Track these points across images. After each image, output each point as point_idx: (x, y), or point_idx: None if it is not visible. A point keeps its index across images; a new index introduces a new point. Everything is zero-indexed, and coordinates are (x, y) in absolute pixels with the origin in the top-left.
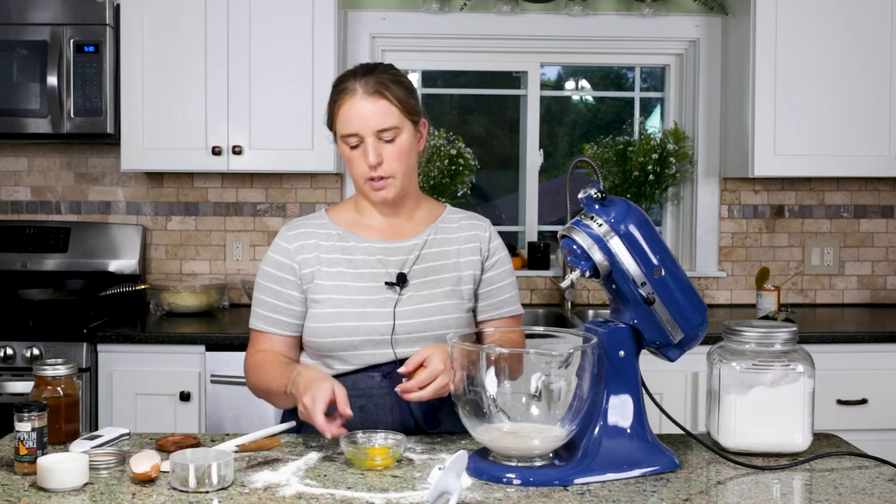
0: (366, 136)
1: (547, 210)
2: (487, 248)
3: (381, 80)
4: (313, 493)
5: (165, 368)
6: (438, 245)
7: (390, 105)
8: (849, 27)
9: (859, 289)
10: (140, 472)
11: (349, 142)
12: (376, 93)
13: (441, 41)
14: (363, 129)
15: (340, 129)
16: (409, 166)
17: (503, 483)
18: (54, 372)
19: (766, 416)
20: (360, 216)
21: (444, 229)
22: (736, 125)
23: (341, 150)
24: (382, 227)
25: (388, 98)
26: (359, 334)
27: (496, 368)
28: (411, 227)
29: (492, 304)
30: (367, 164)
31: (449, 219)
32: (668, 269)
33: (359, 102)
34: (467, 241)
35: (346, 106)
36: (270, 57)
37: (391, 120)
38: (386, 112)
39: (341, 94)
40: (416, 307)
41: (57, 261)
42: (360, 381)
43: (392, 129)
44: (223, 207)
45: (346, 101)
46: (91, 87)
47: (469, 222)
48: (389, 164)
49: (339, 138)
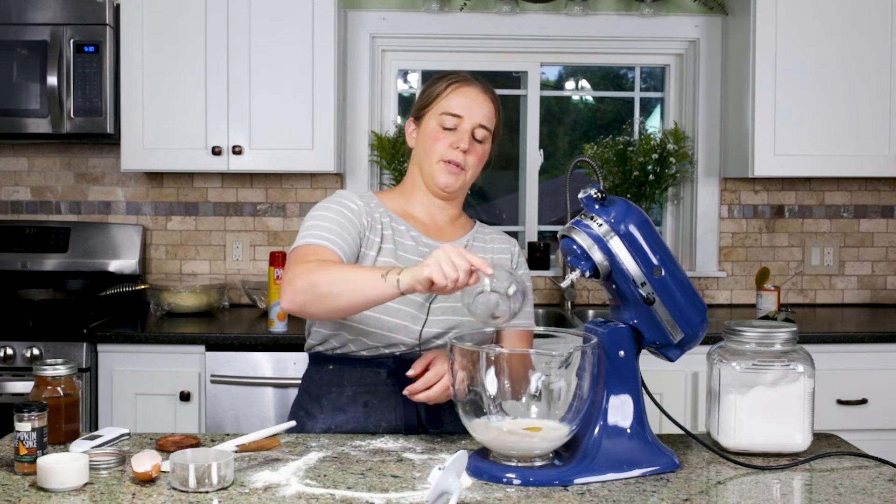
0: (467, 122)
1: (547, 210)
2: (515, 262)
3: (491, 89)
4: (313, 493)
5: (165, 368)
6: (476, 252)
7: (494, 111)
8: (849, 27)
9: (859, 289)
10: (141, 472)
11: (447, 121)
12: (490, 94)
13: (441, 41)
14: (470, 116)
15: (446, 106)
16: (477, 172)
17: (503, 483)
18: (54, 372)
19: (766, 416)
20: (409, 206)
21: (480, 239)
22: (736, 125)
23: (427, 125)
24: (428, 222)
25: (495, 104)
26: (391, 316)
27: (496, 368)
28: (452, 232)
29: None
30: (453, 147)
31: (482, 231)
32: (668, 269)
33: (477, 93)
34: (500, 252)
35: (463, 90)
36: (270, 57)
37: (491, 123)
38: (492, 114)
39: (458, 81)
40: (449, 305)
41: (57, 261)
42: (365, 377)
43: (486, 132)
44: (223, 207)
45: (464, 86)
46: (91, 87)
47: (500, 237)
48: (470, 159)
49: (436, 114)
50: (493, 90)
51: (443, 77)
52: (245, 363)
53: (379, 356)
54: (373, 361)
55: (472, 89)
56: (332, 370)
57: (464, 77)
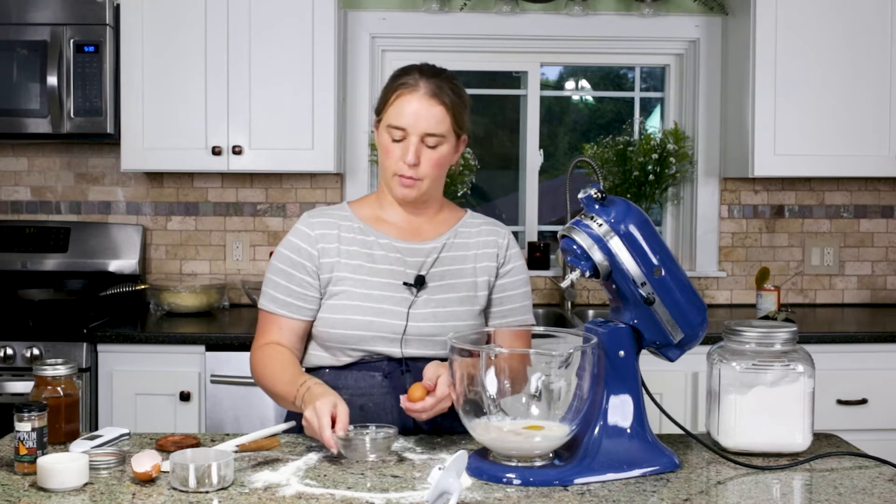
0: (412, 134)
1: (547, 210)
2: (504, 254)
3: (444, 87)
4: (313, 493)
5: (165, 368)
6: (457, 249)
7: (445, 113)
8: (849, 27)
9: (859, 289)
10: (141, 472)
11: (394, 134)
12: (436, 97)
13: (441, 41)
14: (412, 128)
15: (389, 119)
16: (440, 175)
17: (503, 483)
18: (54, 372)
19: (766, 416)
20: (382, 212)
21: (464, 234)
22: (736, 125)
23: (381, 137)
24: (403, 225)
25: (446, 106)
26: (371, 329)
27: (496, 368)
28: (431, 230)
29: (501, 312)
30: (403, 161)
31: (469, 223)
32: (668, 269)
33: (418, 100)
34: (485, 246)
35: (404, 99)
36: (270, 57)
37: (441, 128)
38: (440, 119)
39: (402, 85)
40: (430, 311)
41: (57, 261)
42: (360, 380)
43: (438, 137)
44: (223, 207)
45: (406, 94)
46: (91, 87)
47: (488, 228)
48: (424, 168)
49: (385, 127)
50: (443, 89)
51: (394, 78)
52: (245, 363)
53: (372, 361)
54: (367, 366)
55: (414, 97)
56: (328, 374)
57: (409, 83)
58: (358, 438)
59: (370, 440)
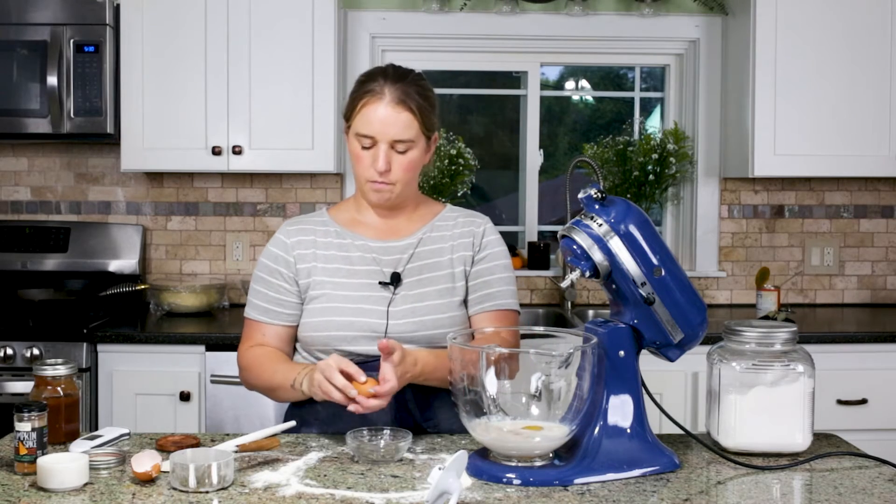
0: (381, 141)
1: (547, 210)
2: (480, 242)
3: (410, 92)
4: (313, 493)
5: (165, 368)
6: (433, 243)
7: (412, 119)
8: (848, 27)
9: (859, 289)
10: (141, 472)
11: (363, 142)
12: (402, 103)
13: (441, 41)
14: (380, 135)
15: (357, 128)
16: (413, 177)
17: (503, 483)
18: (54, 372)
19: (766, 416)
20: (359, 215)
21: (440, 227)
22: (736, 125)
23: (351, 144)
24: (380, 225)
25: (413, 111)
26: (352, 330)
27: (496, 368)
28: (408, 226)
29: (478, 298)
30: (374, 168)
31: (446, 217)
32: (668, 269)
33: (383, 108)
34: (462, 236)
35: (370, 107)
36: (270, 57)
37: (409, 133)
38: (407, 125)
39: (368, 93)
40: (408, 307)
41: (57, 261)
42: None
43: (408, 142)
44: (223, 207)
45: (371, 102)
46: (91, 87)
47: (465, 219)
48: (396, 173)
49: (354, 134)
50: (409, 94)
51: (360, 85)
52: None
53: (358, 362)
54: (362, 365)
55: (381, 105)
56: None
57: (374, 90)
58: (372, 443)
59: (384, 445)
